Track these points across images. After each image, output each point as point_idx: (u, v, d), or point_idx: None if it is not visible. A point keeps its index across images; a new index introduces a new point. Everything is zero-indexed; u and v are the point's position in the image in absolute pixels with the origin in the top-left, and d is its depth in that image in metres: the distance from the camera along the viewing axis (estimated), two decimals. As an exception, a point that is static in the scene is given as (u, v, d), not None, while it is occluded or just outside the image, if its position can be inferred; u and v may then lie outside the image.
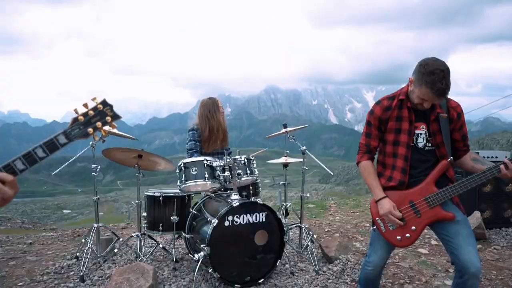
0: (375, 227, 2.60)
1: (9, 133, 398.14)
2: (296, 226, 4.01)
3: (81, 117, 1.38)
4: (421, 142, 2.45)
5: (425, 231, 4.74)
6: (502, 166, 2.28)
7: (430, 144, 2.46)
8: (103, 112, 1.41)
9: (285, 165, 4.28)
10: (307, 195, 4.05)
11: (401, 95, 2.44)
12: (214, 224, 3.14)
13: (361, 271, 2.82)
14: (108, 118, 1.41)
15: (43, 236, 5.16)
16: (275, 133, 4.18)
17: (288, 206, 4.22)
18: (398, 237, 2.49)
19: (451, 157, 2.46)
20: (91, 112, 1.39)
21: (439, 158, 2.45)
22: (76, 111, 1.40)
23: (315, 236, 4.08)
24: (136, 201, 3.70)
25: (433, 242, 4.56)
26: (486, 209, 4.81)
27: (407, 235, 2.47)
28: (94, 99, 1.42)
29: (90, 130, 1.39)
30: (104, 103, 1.41)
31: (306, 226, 4.02)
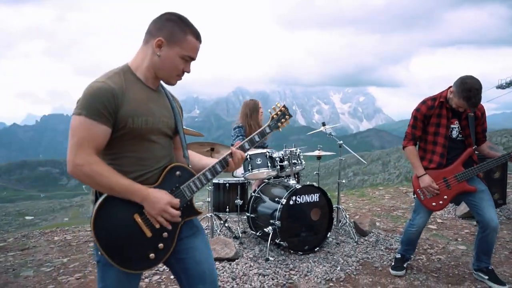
0: (415, 196, 3.46)
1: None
2: (335, 207, 4.79)
3: (275, 116, 2.11)
4: (454, 134, 3.32)
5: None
6: None
7: (461, 136, 3.32)
8: (284, 113, 2.13)
9: (319, 157, 5.05)
10: (343, 180, 4.85)
11: (441, 98, 3.29)
12: (283, 203, 3.89)
13: (404, 234, 3.66)
14: (287, 117, 2.14)
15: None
16: (316, 130, 4.95)
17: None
18: (433, 204, 3.36)
19: (475, 145, 3.34)
20: (279, 113, 2.12)
21: (466, 146, 3.32)
22: (270, 112, 2.12)
23: (347, 215, 4.88)
24: (209, 187, 4.37)
25: (439, 220, 5.49)
26: (478, 193, 5.78)
27: (440, 202, 3.34)
28: (278, 104, 2.15)
29: (279, 124, 2.12)
30: (284, 106, 2.14)
31: (342, 207, 4.83)
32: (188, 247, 1.92)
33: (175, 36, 1.74)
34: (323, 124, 4.79)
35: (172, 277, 3.50)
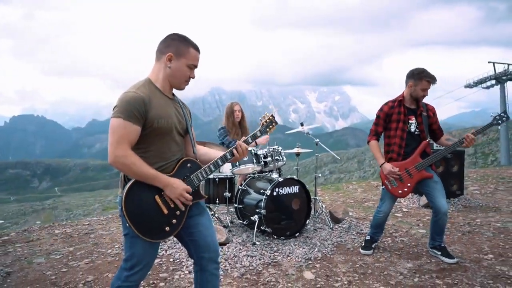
0: (383, 186, 4.06)
1: None
2: (312, 198, 5.37)
3: (264, 122, 2.63)
4: (413, 128, 3.93)
5: (397, 203, 6.32)
6: (464, 140, 3.75)
7: (418, 130, 3.94)
8: (271, 120, 2.66)
9: (297, 154, 5.61)
10: (319, 175, 5.43)
11: (400, 98, 3.94)
12: (268, 194, 4.42)
13: (373, 219, 4.26)
14: (274, 123, 2.67)
15: (94, 220, 6.09)
16: (294, 130, 5.50)
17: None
18: (400, 191, 3.95)
19: (429, 139, 3.96)
20: (268, 120, 2.64)
21: (422, 140, 3.93)
22: (261, 119, 2.64)
23: (324, 205, 5.47)
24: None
25: (404, 209, 6.15)
26: (439, 184, 6.48)
27: (405, 189, 3.94)
28: (266, 113, 2.67)
29: (268, 129, 2.65)
30: (272, 115, 2.67)
31: (319, 198, 5.42)
32: (196, 223, 2.43)
33: (180, 50, 2.27)
34: (301, 124, 5.35)
35: (171, 259, 3.98)
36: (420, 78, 3.76)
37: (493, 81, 40.99)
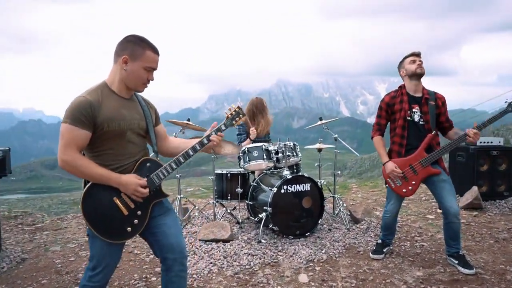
0: (387, 185, 3.76)
1: (25, 131, 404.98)
2: (330, 197, 5.14)
3: (229, 115, 2.52)
4: (416, 118, 3.59)
5: (433, 204, 5.85)
6: (467, 136, 3.34)
7: (422, 120, 3.57)
8: (238, 113, 2.54)
9: (319, 150, 5.39)
10: (339, 172, 5.18)
11: (402, 85, 3.67)
12: (274, 191, 4.29)
13: (382, 220, 3.97)
14: (241, 116, 2.55)
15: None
16: (313, 125, 5.29)
17: (322, 182, 5.34)
18: (404, 190, 3.64)
19: (434, 131, 3.57)
20: (234, 112, 2.53)
21: (427, 131, 3.56)
22: (226, 112, 2.53)
23: (344, 204, 5.21)
24: (212, 177, 4.88)
25: (439, 211, 5.66)
26: (483, 184, 5.87)
27: (410, 187, 3.62)
28: (233, 106, 2.56)
29: (234, 122, 2.54)
30: (239, 107, 2.55)
31: (338, 196, 5.17)
32: (159, 223, 2.40)
33: (136, 52, 2.21)
34: (320, 119, 5.13)
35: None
36: (403, 59, 3.65)
37: None
